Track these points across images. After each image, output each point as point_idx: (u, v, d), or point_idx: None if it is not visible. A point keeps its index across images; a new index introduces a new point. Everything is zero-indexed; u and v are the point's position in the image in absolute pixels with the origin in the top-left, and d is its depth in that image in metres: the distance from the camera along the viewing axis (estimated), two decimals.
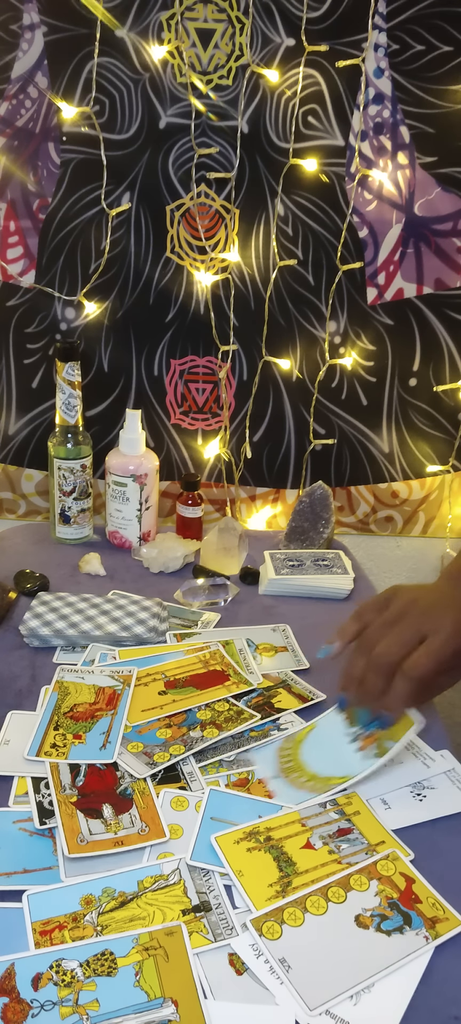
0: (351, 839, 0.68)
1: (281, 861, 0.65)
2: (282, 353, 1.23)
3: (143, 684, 0.86)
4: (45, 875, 0.63)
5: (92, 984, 0.55)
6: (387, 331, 1.22)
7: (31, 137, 1.13)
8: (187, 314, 1.21)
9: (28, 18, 1.09)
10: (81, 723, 0.79)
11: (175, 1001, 0.54)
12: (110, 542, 1.20)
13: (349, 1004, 0.55)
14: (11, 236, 1.16)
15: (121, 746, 0.76)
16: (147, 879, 0.63)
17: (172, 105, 1.13)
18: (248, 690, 0.86)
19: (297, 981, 0.55)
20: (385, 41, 1.11)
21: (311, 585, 1.07)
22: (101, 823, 0.67)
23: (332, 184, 1.16)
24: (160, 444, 1.26)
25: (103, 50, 1.10)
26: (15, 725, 0.79)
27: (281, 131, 1.14)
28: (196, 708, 0.82)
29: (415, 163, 1.16)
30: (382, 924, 0.60)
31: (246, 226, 1.18)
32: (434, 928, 0.60)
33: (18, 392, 1.22)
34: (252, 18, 1.10)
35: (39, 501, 1.28)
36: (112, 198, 1.16)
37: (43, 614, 0.95)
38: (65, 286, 1.18)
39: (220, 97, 1.12)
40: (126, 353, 1.22)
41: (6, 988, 0.54)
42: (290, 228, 1.18)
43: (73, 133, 1.13)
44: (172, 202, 1.16)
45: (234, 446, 1.27)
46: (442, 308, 1.22)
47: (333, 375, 1.24)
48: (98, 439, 1.24)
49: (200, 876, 0.64)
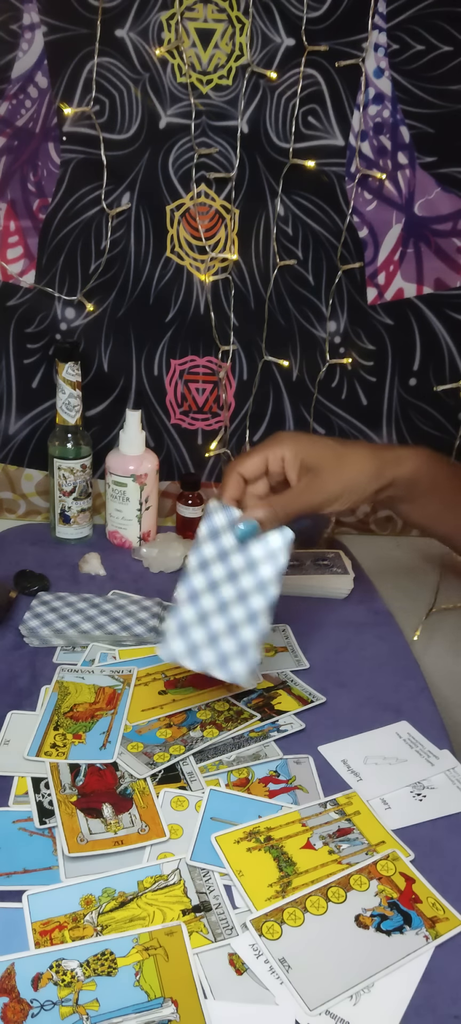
0: (351, 839, 0.68)
1: (281, 861, 0.65)
2: (282, 353, 1.23)
3: (143, 684, 0.86)
4: (45, 875, 0.63)
5: (92, 984, 0.55)
6: (387, 331, 1.22)
7: (31, 137, 1.13)
8: (187, 314, 1.21)
9: (28, 18, 1.09)
10: (81, 723, 0.79)
11: (175, 1001, 0.54)
12: (110, 542, 1.20)
13: (349, 1004, 0.55)
14: (11, 236, 1.16)
15: (121, 746, 0.76)
16: (147, 879, 0.63)
17: (172, 105, 1.13)
18: (248, 690, 0.86)
19: (297, 981, 0.55)
20: (385, 41, 1.11)
21: (311, 585, 1.07)
22: (101, 823, 0.68)
23: (332, 184, 1.16)
24: (160, 444, 1.26)
25: (103, 50, 1.10)
26: (15, 725, 0.79)
27: (281, 131, 1.14)
28: (196, 708, 0.82)
29: (415, 163, 1.16)
30: (382, 924, 0.60)
31: (246, 226, 1.18)
32: (434, 928, 0.60)
33: (18, 392, 1.22)
34: (252, 18, 1.10)
35: (39, 501, 1.28)
36: (112, 198, 1.16)
37: (43, 614, 0.95)
38: (65, 286, 1.18)
39: (220, 97, 1.12)
40: (126, 353, 1.22)
41: (6, 988, 0.54)
42: (290, 228, 1.18)
43: (73, 133, 1.13)
44: (172, 202, 1.16)
45: (234, 446, 1.27)
46: (442, 308, 1.22)
47: (333, 375, 1.24)
48: (98, 439, 1.24)
49: (200, 876, 0.64)
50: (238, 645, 0.76)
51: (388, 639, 1.01)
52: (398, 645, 1.00)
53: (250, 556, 0.77)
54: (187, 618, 0.77)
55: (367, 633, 1.02)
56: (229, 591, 0.77)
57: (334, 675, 0.92)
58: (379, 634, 1.02)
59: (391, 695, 0.89)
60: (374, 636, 1.01)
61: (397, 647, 1.00)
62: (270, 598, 0.76)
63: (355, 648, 0.98)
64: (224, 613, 0.76)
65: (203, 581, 0.77)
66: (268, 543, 0.77)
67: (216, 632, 0.76)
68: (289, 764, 0.77)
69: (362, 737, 0.82)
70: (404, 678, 0.93)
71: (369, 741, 0.81)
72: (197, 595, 0.77)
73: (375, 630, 1.02)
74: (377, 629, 1.03)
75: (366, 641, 1.00)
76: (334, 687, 0.89)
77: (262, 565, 0.77)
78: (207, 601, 0.77)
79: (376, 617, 1.06)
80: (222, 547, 0.77)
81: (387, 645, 1.00)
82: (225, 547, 0.77)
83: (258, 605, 0.76)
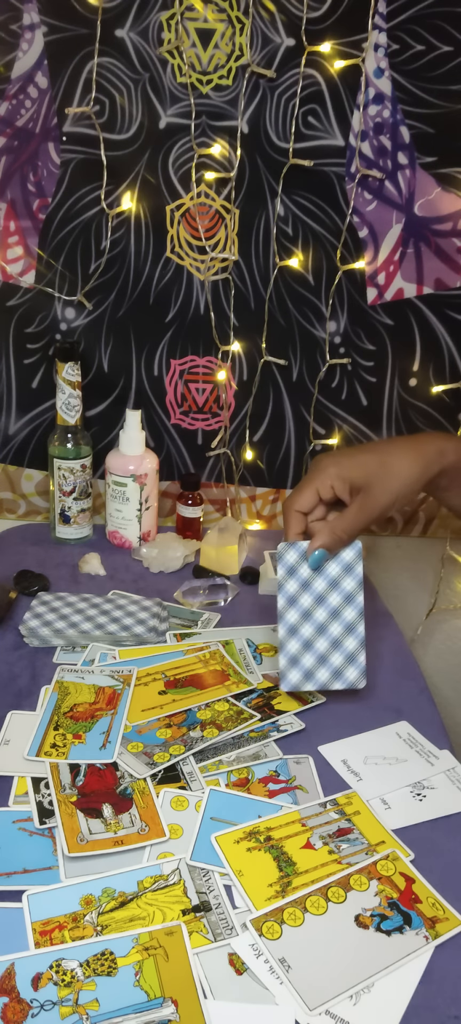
0: (351, 839, 0.68)
1: (281, 861, 0.65)
2: (282, 353, 1.23)
3: (143, 684, 0.86)
4: (45, 875, 0.63)
5: (92, 984, 0.55)
6: (387, 331, 1.22)
7: (31, 137, 1.13)
8: (187, 314, 1.21)
9: (28, 18, 1.09)
10: (81, 723, 0.79)
11: (175, 1001, 0.54)
12: (110, 542, 1.20)
13: (349, 1004, 0.55)
14: (11, 236, 1.16)
15: (121, 746, 0.76)
16: (147, 879, 0.63)
17: (172, 105, 1.13)
18: (248, 690, 0.86)
19: (297, 981, 0.55)
20: (385, 41, 1.11)
21: None
22: (101, 823, 0.68)
23: (332, 184, 1.16)
24: (160, 444, 1.26)
25: (103, 50, 1.10)
26: (15, 725, 0.79)
27: (281, 131, 1.14)
28: (196, 708, 0.82)
29: (415, 163, 1.16)
30: (382, 924, 0.60)
31: (246, 226, 1.18)
32: (434, 928, 0.60)
33: (18, 392, 1.22)
34: (252, 18, 1.10)
35: (39, 501, 1.28)
36: (112, 198, 1.16)
37: (43, 614, 0.95)
38: (65, 286, 1.18)
39: (220, 97, 1.13)
40: (126, 353, 1.22)
41: (6, 988, 0.54)
42: (290, 228, 1.18)
43: (73, 133, 1.13)
44: (172, 202, 1.17)
45: (234, 446, 1.27)
46: (442, 308, 1.22)
47: (333, 375, 1.24)
48: (98, 439, 1.24)
49: (200, 876, 0.64)
50: (345, 656, 0.83)
51: (388, 639, 1.01)
52: (398, 645, 1.00)
53: (330, 576, 0.84)
54: (294, 651, 0.83)
55: (367, 633, 1.01)
56: (322, 613, 0.83)
57: None
58: (379, 634, 1.02)
59: (391, 695, 0.89)
60: (374, 636, 1.01)
61: (397, 647, 1.00)
62: (358, 606, 0.83)
63: None
64: (324, 633, 0.83)
65: (296, 614, 0.84)
66: (342, 559, 0.84)
67: (323, 652, 0.83)
68: (289, 764, 0.77)
69: (362, 737, 0.82)
70: (404, 678, 0.93)
71: (369, 741, 0.81)
72: (295, 628, 0.83)
73: (375, 630, 1.02)
74: (377, 629, 1.03)
75: (366, 641, 0.99)
76: None
77: (343, 580, 0.84)
78: (306, 629, 0.83)
79: (376, 617, 1.06)
80: (302, 579, 0.84)
81: (387, 645, 1.00)
82: (305, 577, 0.84)
83: (351, 616, 0.83)
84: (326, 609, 0.83)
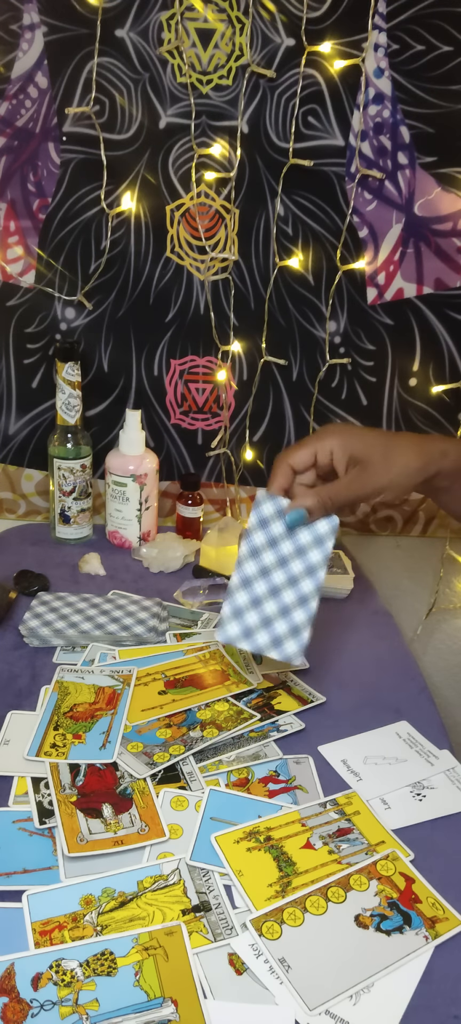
0: (351, 839, 0.68)
1: (281, 861, 0.65)
2: (282, 353, 1.23)
3: (143, 684, 0.86)
4: (45, 875, 0.63)
5: (92, 984, 0.55)
6: (387, 331, 1.22)
7: (31, 137, 1.13)
8: (187, 314, 1.21)
9: (28, 18, 1.09)
10: (81, 723, 0.79)
11: (175, 1001, 0.54)
12: (110, 542, 1.20)
13: (349, 1004, 0.55)
14: (11, 236, 1.16)
15: (121, 746, 0.76)
16: (147, 879, 0.63)
17: (172, 105, 1.13)
18: (248, 690, 0.86)
19: (297, 981, 0.55)
20: (385, 41, 1.11)
21: None
22: (101, 823, 0.68)
23: (332, 184, 1.16)
24: (160, 444, 1.26)
25: (103, 50, 1.10)
26: (15, 725, 0.79)
27: (281, 131, 1.14)
28: (196, 708, 0.82)
29: (415, 163, 1.16)
30: (382, 924, 0.60)
31: (246, 226, 1.18)
32: (434, 928, 0.60)
33: (18, 392, 1.22)
34: (252, 18, 1.10)
35: (39, 501, 1.28)
36: (112, 198, 1.16)
37: (43, 614, 0.95)
38: (65, 286, 1.18)
39: (220, 97, 1.13)
40: (126, 353, 1.22)
41: (6, 988, 0.54)
42: (290, 228, 1.18)
43: (73, 133, 1.13)
44: (172, 202, 1.16)
45: (234, 446, 1.27)
46: (442, 308, 1.22)
47: (333, 375, 1.24)
48: (98, 439, 1.24)
49: (200, 876, 0.64)
50: (290, 627, 0.79)
51: (388, 639, 1.01)
52: (398, 645, 1.00)
53: (299, 542, 0.80)
54: (241, 603, 0.80)
55: (367, 633, 1.02)
56: (280, 576, 0.80)
57: (334, 675, 0.92)
58: (379, 634, 1.02)
59: (391, 695, 0.89)
60: (374, 636, 1.01)
61: (397, 647, 1.00)
62: (318, 581, 0.80)
63: (355, 648, 0.98)
64: (276, 597, 0.80)
65: (255, 568, 0.80)
66: (316, 529, 0.80)
67: (269, 616, 0.79)
68: (289, 764, 0.77)
69: (362, 737, 0.82)
70: (404, 678, 0.93)
71: (369, 741, 0.81)
72: (250, 581, 0.80)
73: (375, 630, 1.02)
74: (377, 629, 1.03)
75: (366, 641, 1.00)
76: (334, 687, 0.89)
77: (310, 550, 0.80)
78: (259, 586, 0.80)
79: (376, 617, 1.06)
80: (271, 535, 0.81)
81: (387, 645, 1.00)
82: (274, 534, 0.81)
83: (308, 589, 0.79)
84: (286, 574, 0.80)
